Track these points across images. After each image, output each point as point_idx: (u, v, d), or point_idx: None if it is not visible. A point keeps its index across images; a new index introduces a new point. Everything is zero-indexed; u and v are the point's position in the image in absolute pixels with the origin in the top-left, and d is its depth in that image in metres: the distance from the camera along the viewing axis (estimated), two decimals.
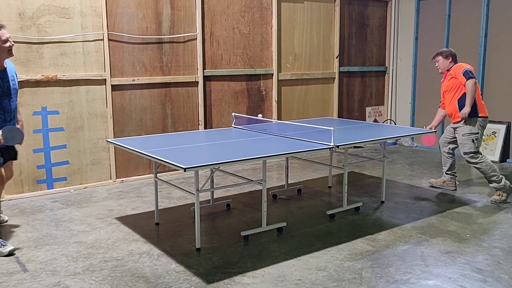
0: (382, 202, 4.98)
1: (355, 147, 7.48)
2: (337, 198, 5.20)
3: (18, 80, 5.05)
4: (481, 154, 4.98)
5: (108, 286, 3.19)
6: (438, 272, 3.37)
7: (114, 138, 5.57)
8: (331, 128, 4.12)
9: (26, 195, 5.25)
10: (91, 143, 5.60)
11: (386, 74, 8.37)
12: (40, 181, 5.31)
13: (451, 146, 5.30)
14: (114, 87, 5.67)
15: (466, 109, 4.88)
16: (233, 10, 6.48)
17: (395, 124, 8.17)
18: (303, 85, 7.35)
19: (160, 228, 4.29)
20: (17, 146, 4.05)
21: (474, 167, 5.03)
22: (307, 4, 7.21)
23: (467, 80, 4.87)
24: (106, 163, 5.74)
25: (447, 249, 3.75)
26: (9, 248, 3.71)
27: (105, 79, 5.59)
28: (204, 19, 6.23)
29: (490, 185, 4.99)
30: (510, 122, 6.79)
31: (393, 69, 8.33)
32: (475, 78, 4.92)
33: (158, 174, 4.35)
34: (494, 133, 6.88)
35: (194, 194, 3.69)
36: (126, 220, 4.51)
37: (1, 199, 4.96)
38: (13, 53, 3.97)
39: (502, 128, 6.82)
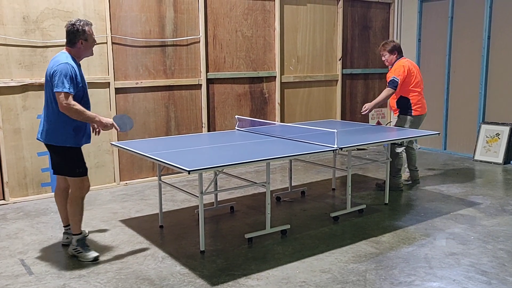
0: (386, 204, 4.97)
1: (358, 149, 7.48)
2: (340, 200, 5.20)
3: (23, 84, 5.11)
4: (403, 149, 5.33)
5: None
6: (442, 274, 3.37)
7: (118, 141, 5.59)
8: (335, 130, 4.13)
9: (30, 198, 5.27)
10: (95, 146, 5.61)
11: None
12: (44, 184, 5.33)
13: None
14: (118, 90, 5.69)
15: (369, 105, 5.41)
16: (236, 13, 6.49)
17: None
18: (306, 87, 7.35)
19: (164, 231, 4.30)
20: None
21: (391, 156, 5.19)
22: (310, 6, 7.22)
23: (387, 87, 5.35)
24: (110, 166, 5.76)
25: (451, 251, 3.75)
26: (94, 254, 3.67)
27: (109, 82, 5.62)
28: (207, 22, 6.25)
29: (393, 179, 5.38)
30: None
31: None
32: (395, 89, 5.31)
33: (162, 177, 4.36)
34: (497, 135, 6.87)
35: (198, 196, 3.70)
36: (130, 222, 4.52)
37: (6, 202, 4.98)
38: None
39: (505, 130, 6.81)
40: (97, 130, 3.86)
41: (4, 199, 5.15)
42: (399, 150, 5.25)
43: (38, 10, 5.13)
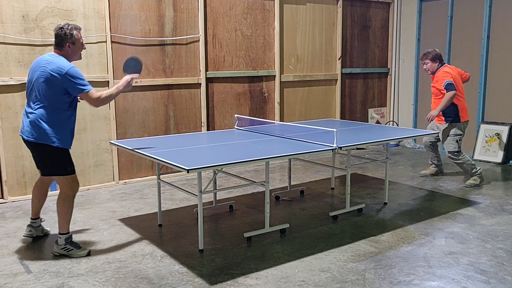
0: (385, 203, 4.97)
1: (357, 148, 7.48)
2: (340, 199, 5.20)
3: (22, 82, 5.10)
4: (462, 153, 5.61)
5: (112, 287, 3.20)
6: (441, 273, 3.37)
7: (117, 140, 5.59)
8: (334, 129, 4.13)
9: (29, 196, 5.21)
10: (94, 145, 5.61)
11: (389, 76, 8.37)
12: None
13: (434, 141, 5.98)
14: None
15: (434, 112, 5.42)
16: (236, 12, 6.49)
17: (397, 125, 8.16)
18: (306, 86, 7.35)
19: (163, 230, 4.30)
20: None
21: (457, 163, 5.65)
22: (309, 6, 7.22)
23: (447, 91, 5.35)
24: (109, 164, 5.76)
25: (451, 250, 3.75)
26: (85, 250, 3.74)
27: (108, 81, 5.61)
28: (206, 21, 6.25)
29: (472, 176, 5.64)
30: None
31: (395, 71, 8.33)
32: (455, 90, 5.34)
33: (161, 176, 4.36)
34: (496, 134, 6.87)
35: (197, 195, 3.70)
36: (129, 221, 4.52)
37: (5, 201, 4.99)
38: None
39: (505, 130, 6.81)
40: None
41: (2, 197, 5.15)
42: (458, 159, 5.59)
43: (37, 9, 5.13)
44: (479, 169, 5.64)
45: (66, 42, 3.65)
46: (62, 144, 3.62)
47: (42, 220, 4.17)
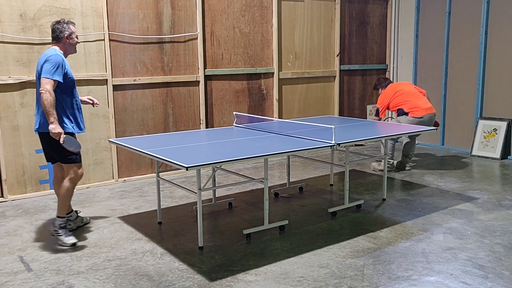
0: (384, 199, 4.99)
1: (356, 145, 7.49)
2: (338, 196, 5.21)
3: (21, 81, 5.11)
4: (396, 141, 6.27)
5: (112, 285, 3.21)
6: (439, 268, 3.39)
7: (116, 138, 5.59)
8: (332, 126, 4.14)
9: (29, 195, 5.28)
10: (93, 143, 5.62)
11: (387, 72, 8.38)
12: (43, 181, 5.34)
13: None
14: (116, 87, 5.69)
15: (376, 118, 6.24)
16: (234, 9, 6.49)
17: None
18: (304, 83, 7.36)
19: (163, 227, 4.31)
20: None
21: (387, 144, 5.98)
22: (307, 2, 7.22)
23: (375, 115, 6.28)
24: (109, 163, 5.77)
25: (449, 246, 3.77)
26: (72, 240, 3.87)
27: (107, 79, 5.62)
28: (204, 19, 6.25)
29: (380, 161, 6.16)
30: (511, 119, 6.80)
31: (393, 67, 8.34)
32: (378, 116, 6.20)
33: (160, 174, 4.37)
34: (495, 130, 6.89)
35: (196, 193, 3.71)
36: (129, 219, 4.53)
37: (5, 200, 5.01)
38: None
39: (503, 125, 6.83)
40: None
41: (2, 196, 5.16)
42: (392, 142, 6.16)
43: (35, 7, 5.13)
44: (393, 162, 6.20)
45: (63, 35, 3.86)
46: (64, 128, 3.79)
47: (78, 212, 4.37)
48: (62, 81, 3.74)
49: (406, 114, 5.97)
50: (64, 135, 3.75)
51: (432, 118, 6.00)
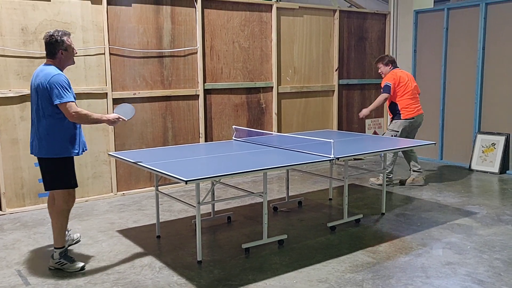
0: (383, 214, 4.99)
1: (355, 159, 7.50)
2: (337, 210, 5.21)
3: (21, 94, 5.13)
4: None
5: None
6: (439, 283, 3.38)
7: (115, 151, 5.60)
8: (331, 140, 4.15)
9: (27, 208, 5.26)
10: (92, 156, 5.62)
11: None
12: (41, 194, 5.33)
13: None
14: (115, 101, 5.71)
15: (365, 111, 6.17)
16: (233, 24, 6.55)
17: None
18: (303, 98, 7.39)
19: (162, 241, 4.30)
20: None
21: (390, 159, 6.01)
22: (306, 17, 7.28)
23: (382, 92, 5.98)
24: (107, 176, 5.77)
25: (448, 261, 3.76)
26: (80, 264, 3.69)
27: (107, 93, 5.64)
28: (204, 33, 6.30)
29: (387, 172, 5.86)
30: (509, 134, 6.82)
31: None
32: (388, 93, 5.90)
33: (159, 187, 4.37)
34: (493, 144, 6.91)
35: (195, 206, 3.71)
36: (127, 233, 4.52)
37: (3, 213, 4.98)
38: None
39: (501, 140, 6.85)
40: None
41: (1, 209, 5.15)
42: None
43: (36, 22, 5.17)
44: (391, 176, 6.11)
45: (59, 49, 3.61)
46: (64, 153, 3.59)
47: (68, 230, 4.06)
48: (75, 99, 3.57)
49: (398, 112, 5.96)
50: (115, 112, 3.81)
51: (421, 119, 6.14)
